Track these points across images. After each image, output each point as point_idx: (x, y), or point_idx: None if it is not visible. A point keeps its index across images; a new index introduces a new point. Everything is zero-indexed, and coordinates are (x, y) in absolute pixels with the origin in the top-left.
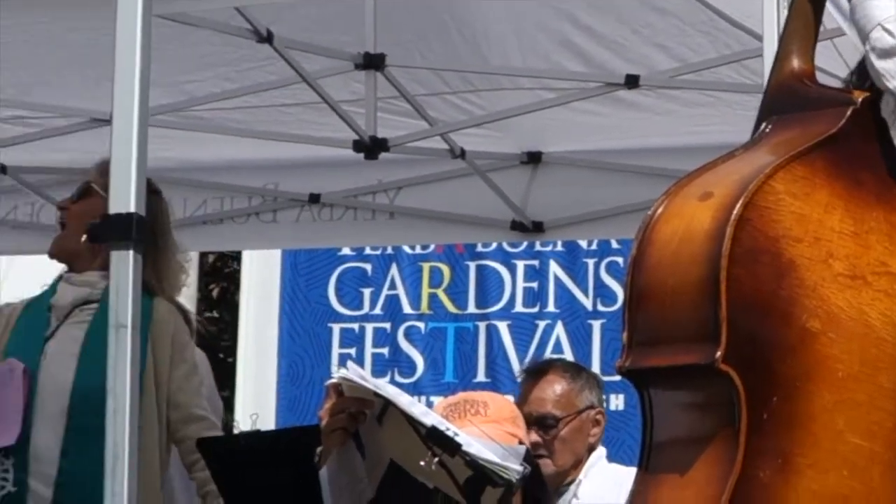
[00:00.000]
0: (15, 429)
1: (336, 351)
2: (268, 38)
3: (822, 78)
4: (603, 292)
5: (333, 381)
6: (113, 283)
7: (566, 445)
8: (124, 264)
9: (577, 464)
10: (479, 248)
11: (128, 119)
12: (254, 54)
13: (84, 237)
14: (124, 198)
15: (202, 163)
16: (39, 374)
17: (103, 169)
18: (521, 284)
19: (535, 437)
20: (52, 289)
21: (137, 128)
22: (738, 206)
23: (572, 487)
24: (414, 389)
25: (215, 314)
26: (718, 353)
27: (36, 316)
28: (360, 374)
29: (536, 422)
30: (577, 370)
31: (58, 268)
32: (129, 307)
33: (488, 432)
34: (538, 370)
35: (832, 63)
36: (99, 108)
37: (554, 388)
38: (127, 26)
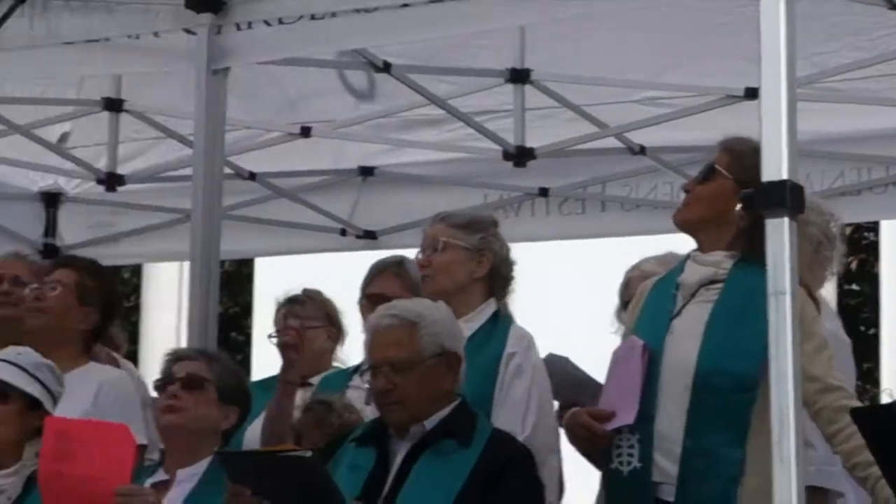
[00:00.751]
0: (634, 407)
1: None
2: None
3: None
4: None
5: None
6: (770, 251)
7: None
8: (779, 231)
9: None
10: None
11: (776, 89)
12: (885, 21)
13: (738, 206)
14: (776, 165)
15: (837, 134)
16: (664, 351)
17: (726, 146)
18: None
19: None
20: (681, 267)
21: (786, 95)
22: None
23: None
24: None
25: (854, 287)
26: None
27: (663, 294)
28: None
29: None
30: None
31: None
32: (786, 273)
33: None
34: None
35: None
36: (732, 84)
37: None
38: (771, 3)
